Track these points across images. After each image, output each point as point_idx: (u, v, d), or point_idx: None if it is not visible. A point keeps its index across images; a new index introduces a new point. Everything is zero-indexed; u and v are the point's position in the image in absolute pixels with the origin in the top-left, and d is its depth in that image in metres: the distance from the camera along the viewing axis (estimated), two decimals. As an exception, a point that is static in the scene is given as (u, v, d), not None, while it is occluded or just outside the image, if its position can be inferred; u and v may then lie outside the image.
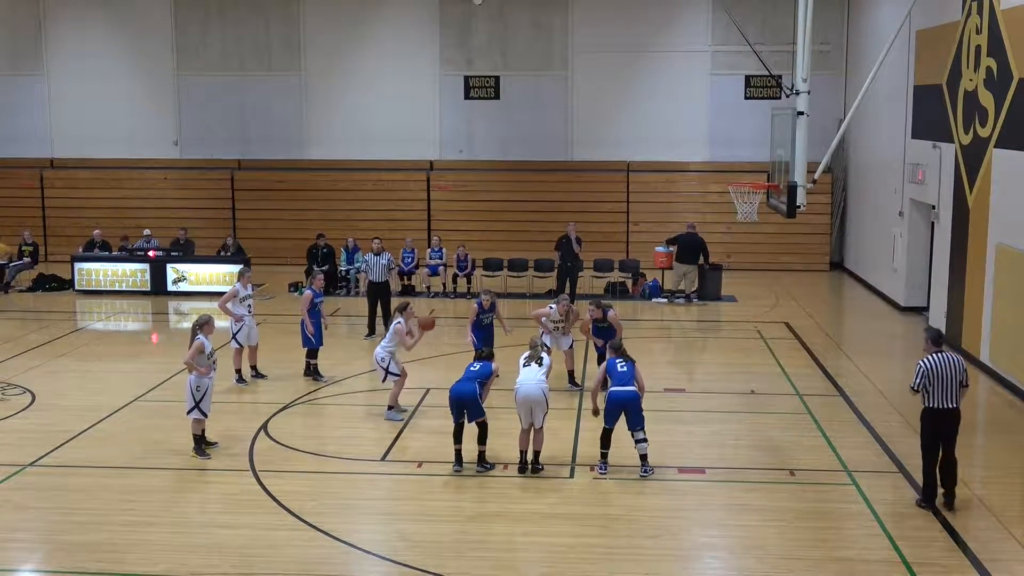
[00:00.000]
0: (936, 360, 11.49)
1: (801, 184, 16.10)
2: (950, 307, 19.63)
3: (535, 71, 29.12)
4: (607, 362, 13.10)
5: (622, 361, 12.93)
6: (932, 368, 11.43)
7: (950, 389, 11.43)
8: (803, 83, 16.09)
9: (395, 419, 14.97)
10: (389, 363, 15.15)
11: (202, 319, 13.46)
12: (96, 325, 22.49)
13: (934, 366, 11.44)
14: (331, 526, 11.20)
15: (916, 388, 11.56)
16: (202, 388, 13.25)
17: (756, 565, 10.46)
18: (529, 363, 12.99)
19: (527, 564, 10.35)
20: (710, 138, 28.91)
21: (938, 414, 11.49)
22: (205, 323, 13.39)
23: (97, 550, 10.65)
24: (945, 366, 11.45)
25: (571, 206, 28.03)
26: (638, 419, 12.67)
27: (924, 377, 11.44)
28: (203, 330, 13.30)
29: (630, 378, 12.81)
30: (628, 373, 12.83)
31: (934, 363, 11.46)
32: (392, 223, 28.51)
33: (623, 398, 12.69)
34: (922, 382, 11.47)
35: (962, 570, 10.29)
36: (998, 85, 17.29)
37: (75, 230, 28.78)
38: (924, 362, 11.50)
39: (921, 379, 11.47)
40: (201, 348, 13.19)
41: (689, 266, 24.36)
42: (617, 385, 12.78)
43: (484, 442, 12.90)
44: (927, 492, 11.65)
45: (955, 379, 11.45)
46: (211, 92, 29.83)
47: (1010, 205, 16.92)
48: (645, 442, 12.71)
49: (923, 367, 11.47)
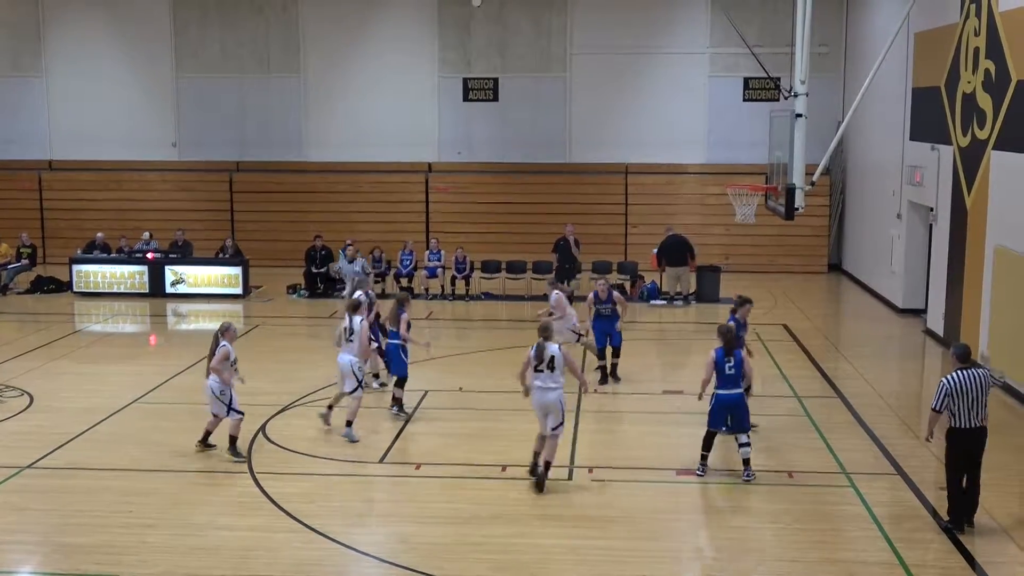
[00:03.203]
0: (961, 378, 10.83)
1: (799, 186, 16.11)
2: (948, 309, 19.64)
3: (534, 73, 29.14)
4: (715, 355, 12.58)
5: (731, 361, 12.51)
6: (956, 386, 10.81)
7: (976, 407, 10.84)
8: (801, 85, 16.11)
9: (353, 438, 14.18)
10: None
11: (224, 325, 13.48)
12: (94, 327, 22.49)
13: (958, 384, 10.81)
14: (330, 528, 11.20)
15: (939, 408, 10.92)
16: (226, 392, 13.32)
17: (754, 567, 10.47)
18: (542, 368, 12.28)
19: (525, 566, 10.35)
20: (708, 140, 28.94)
21: (965, 434, 10.88)
22: (227, 329, 13.43)
23: (95, 552, 10.65)
24: (971, 383, 10.82)
25: (569, 208, 28.04)
26: (744, 423, 12.48)
27: (947, 396, 10.82)
28: (225, 336, 13.36)
29: (739, 379, 12.49)
30: (736, 375, 12.48)
31: (958, 381, 10.82)
32: (390, 225, 28.55)
33: (730, 402, 12.44)
34: (945, 401, 10.85)
35: (960, 572, 10.30)
36: (996, 87, 17.30)
37: (73, 232, 28.80)
38: (948, 380, 10.86)
39: (943, 398, 10.85)
40: (226, 355, 13.25)
41: (680, 268, 24.37)
42: (724, 387, 12.47)
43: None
44: (955, 515, 11.10)
45: (982, 396, 10.86)
46: (210, 94, 29.84)
47: (1008, 207, 16.93)
48: (748, 446, 12.47)
49: (946, 386, 10.84)
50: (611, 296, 17.37)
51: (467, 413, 15.66)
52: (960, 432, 10.90)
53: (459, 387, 16.90)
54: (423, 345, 16.56)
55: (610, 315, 17.29)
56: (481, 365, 18.69)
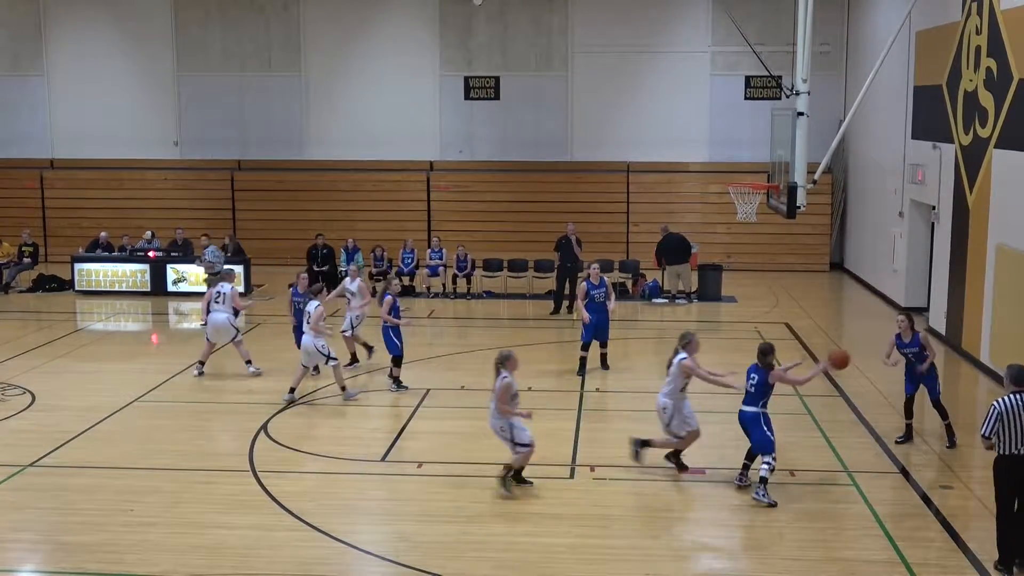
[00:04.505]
0: (1013, 402, 9.95)
1: (801, 185, 16.12)
2: (950, 308, 19.63)
3: (535, 71, 29.13)
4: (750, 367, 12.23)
5: (753, 379, 12.11)
6: (1009, 410, 9.91)
7: None
8: (803, 84, 16.11)
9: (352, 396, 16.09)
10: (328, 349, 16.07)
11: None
12: (96, 326, 22.49)
13: (1012, 408, 9.92)
14: (331, 527, 11.20)
15: (988, 434, 10.00)
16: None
17: (756, 566, 10.46)
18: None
19: (527, 565, 10.34)
20: (710, 138, 28.92)
21: (1016, 462, 9.97)
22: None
23: (97, 550, 10.65)
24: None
25: (571, 207, 28.03)
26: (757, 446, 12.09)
27: (999, 421, 9.92)
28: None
29: (756, 398, 12.04)
30: (756, 393, 12.06)
31: (1011, 405, 9.93)
32: (392, 224, 28.55)
33: (740, 417, 12.23)
34: (996, 426, 9.94)
35: (961, 571, 10.29)
36: (998, 85, 17.29)
37: (75, 231, 28.80)
38: (1000, 403, 9.96)
39: (995, 423, 9.93)
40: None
41: (681, 266, 24.37)
42: (743, 402, 12.23)
43: None
44: (1004, 555, 10.19)
45: None
46: (211, 92, 29.84)
47: (1010, 205, 16.91)
48: (767, 466, 11.88)
49: (998, 409, 9.94)
50: (604, 281, 17.73)
51: (469, 411, 15.63)
52: (1010, 460, 10.01)
53: (461, 385, 16.90)
54: (403, 323, 16.61)
55: (602, 302, 17.60)
56: (483, 363, 18.58)
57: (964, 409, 14.80)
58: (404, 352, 16.60)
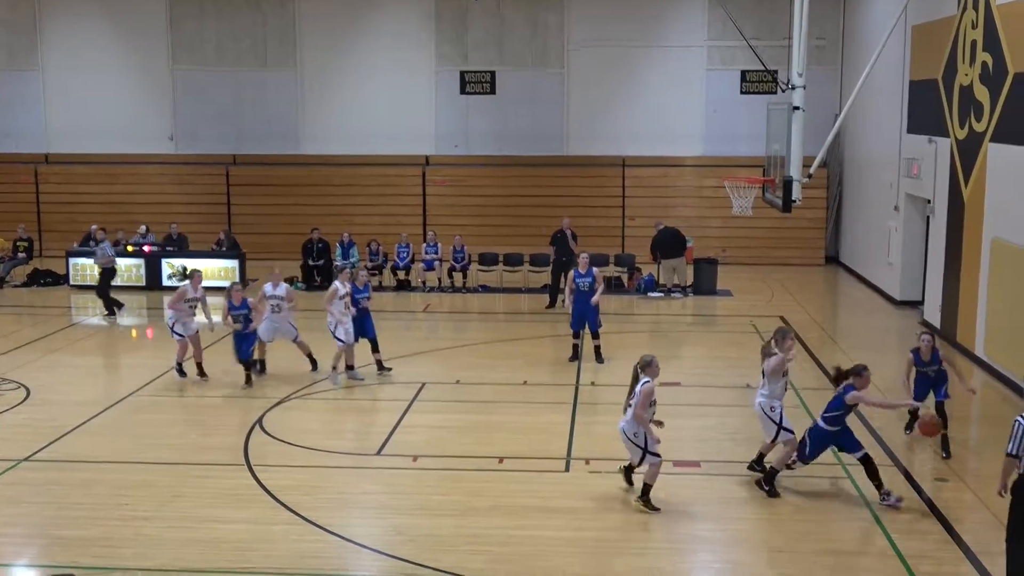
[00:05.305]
0: None
1: (796, 179, 16.12)
2: (945, 301, 19.66)
3: (531, 66, 29.12)
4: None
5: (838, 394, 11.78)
6: None
7: None
8: (799, 78, 16.10)
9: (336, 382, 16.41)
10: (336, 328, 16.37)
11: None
12: (91, 320, 22.46)
13: None
14: (327, 520, 11.20)
15: (1015, 453, 9.03)
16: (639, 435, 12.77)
17: (750, 558, 10.49)
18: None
19: (522, 558, 10.35)
20: (706, 133, 28.93)
21: None
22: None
23: (92, 545, 10.64)
24: None
25: (566, 201, 28.02)
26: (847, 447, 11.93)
27: None
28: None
29: (833, 417, 11.76)
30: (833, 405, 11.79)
31: None
32: (388, 218, 28.52)
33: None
34: (1021, 444, 9.00)
35: (956, 562, 10.32)
36: (993, 80, 17.30)
37: (70, 225, 28.73)
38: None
39: (1021, 441, 9.00)
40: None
41: (676, 260, 24.39)
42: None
43: None
44: None
45: None
46: (206, 87, 29.80)
47: (1005, 199, 16.93)
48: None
49: (1022, 424, 9.03)
50: (591, 271, 17.82)
51: (464, 406, 15.66)
52: None
53: (456, 379, 16.90)
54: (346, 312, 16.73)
55: (588, 290, 17.73)
56: (478, 357, 18.69)
57: (959, 403, 14.80)
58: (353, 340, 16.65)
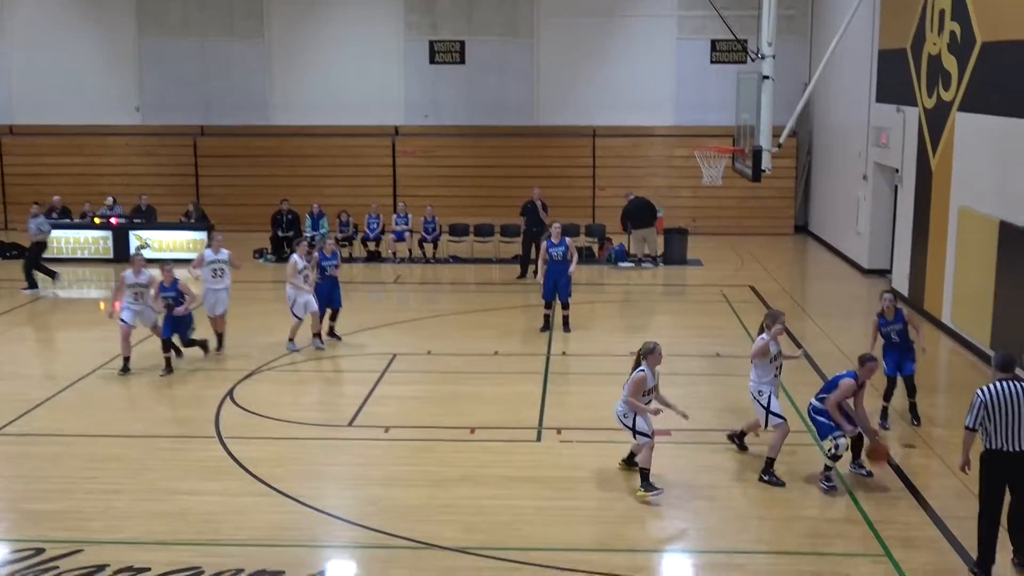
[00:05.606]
0: (999, 390, 9.18)
1: (766, 148, 16.16)
2: (913, 270, 19.80)
3: (500, 36, 28.95)
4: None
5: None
6: (994, 399, 9.15)
7: (1019, 425, 9.14)
8: (768, 47, 16.12)
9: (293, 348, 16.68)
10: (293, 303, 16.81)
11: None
12: (58, 293, 22.25)
13: (996, 397, 9.15)
14: (299, 492, 11.19)
15: (973, 426, 9.30)
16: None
17: (722, 525, 10.57)
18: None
19: (495, 527, 10.39)
20: (676, 102, 28.90)
21: (1005, 458, 9.21)
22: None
23: (62, 518, 10.58)
24: (1012, 397, 9.15)
25: (537, 171, 27.96)
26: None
27: (983, 411, 9.19)
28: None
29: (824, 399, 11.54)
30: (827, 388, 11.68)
31: (996, 393, 9.17)
32: (357, 189, 28.37)
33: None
34: (980, 417, 9.22)
35: (923, 528, 10.44)
36: (961, 49, 17.36)
37: (36, 197, 28.30)
38: (983, 392, 9.22)
39: (978, 414, 9.22)
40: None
41: (646, 230, 24.43)
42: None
43: None
44: (984, 558, 9.38)
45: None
46: (173, 58, 29.44)
47: (972, 168, 17.04)
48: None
49: (981, 399, 9.20)
50: (564, 242, 17.92)
51: (436, 376, 15.66)
52: (998, 456, 9.23)
53: (427, 350, 16.89)
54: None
55: (561, 260, 17.82)
56: (449, 328, 18.68)
57: (927, 370, 14.95)
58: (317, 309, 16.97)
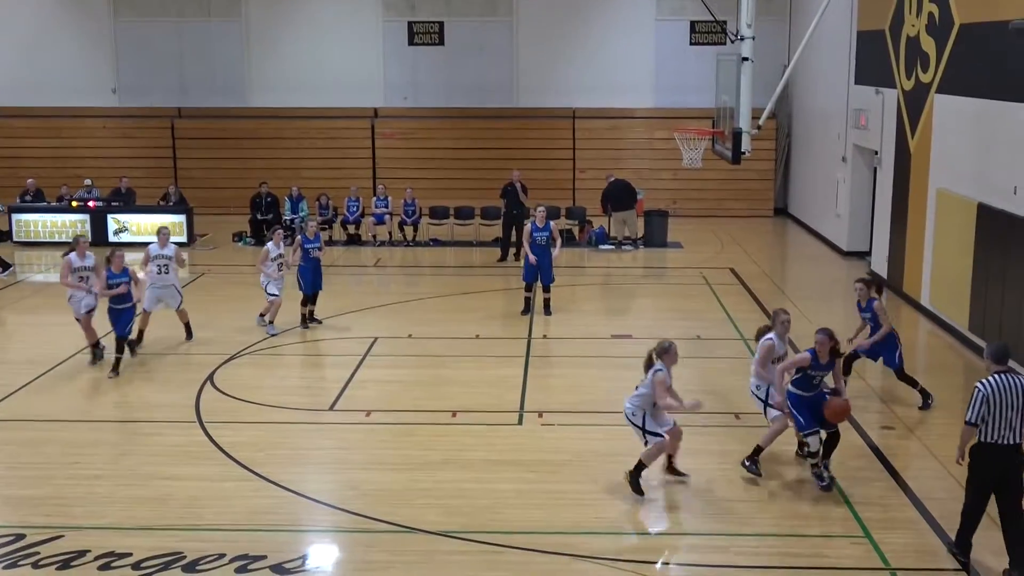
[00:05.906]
0: (998, 383, 9.02)
1: (746, 130, 16.19)
2: (892, 252, 19.90)
3: (480, 17, 28.85)
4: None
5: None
6: (994, 393, 8.98)
7: (1014, 419, 8.99)
8: (748, 29, 16.13)
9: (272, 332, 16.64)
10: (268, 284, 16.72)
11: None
12: (36, 277, 22.10)
13: (996, 391, 8.99)
14: (280, 476, 11.18)
15: (974, 420, 9.04)
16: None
17: (703, 506, 10.63)
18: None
19: (476, 510, 10.41)
20: (656, 84, 28.88)
21: (998, 452, 9.03)
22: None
23: (43, 504, 10.54)
24: (1009, 390, 9.00)
25: (517, 153, 27.93)
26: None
27: (984, 405, 8.97)
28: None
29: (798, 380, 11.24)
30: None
31: (996, 387, 9.00)
32: (337, 171, 28.28)
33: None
34: (981, 411, 9.00)
35: (902, 508, 10.53)
36: (940, 31, 17.41)
37: (12, 180, 28.12)
38: (983, 385, 9.02)
39: (979, 408, 8.99)
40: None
41: (627, 212, 24.44)
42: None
43: None
44: (963, 539, 9.37)
45: (1021, 406, 9.03)
46: (149, 39, 29.22)
47: (951, 151, 17.12)
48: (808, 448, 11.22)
49: (983, 391, 8.99)
50: (549, 225, 17.94)
51: (417, 360, 15.66)
52: (991, 449, 9.06)
53: (408, 334, 16.88)
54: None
55: (545, 244, 17.81)
56: (430, 312, 18.66)
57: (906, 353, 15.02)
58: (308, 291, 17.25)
